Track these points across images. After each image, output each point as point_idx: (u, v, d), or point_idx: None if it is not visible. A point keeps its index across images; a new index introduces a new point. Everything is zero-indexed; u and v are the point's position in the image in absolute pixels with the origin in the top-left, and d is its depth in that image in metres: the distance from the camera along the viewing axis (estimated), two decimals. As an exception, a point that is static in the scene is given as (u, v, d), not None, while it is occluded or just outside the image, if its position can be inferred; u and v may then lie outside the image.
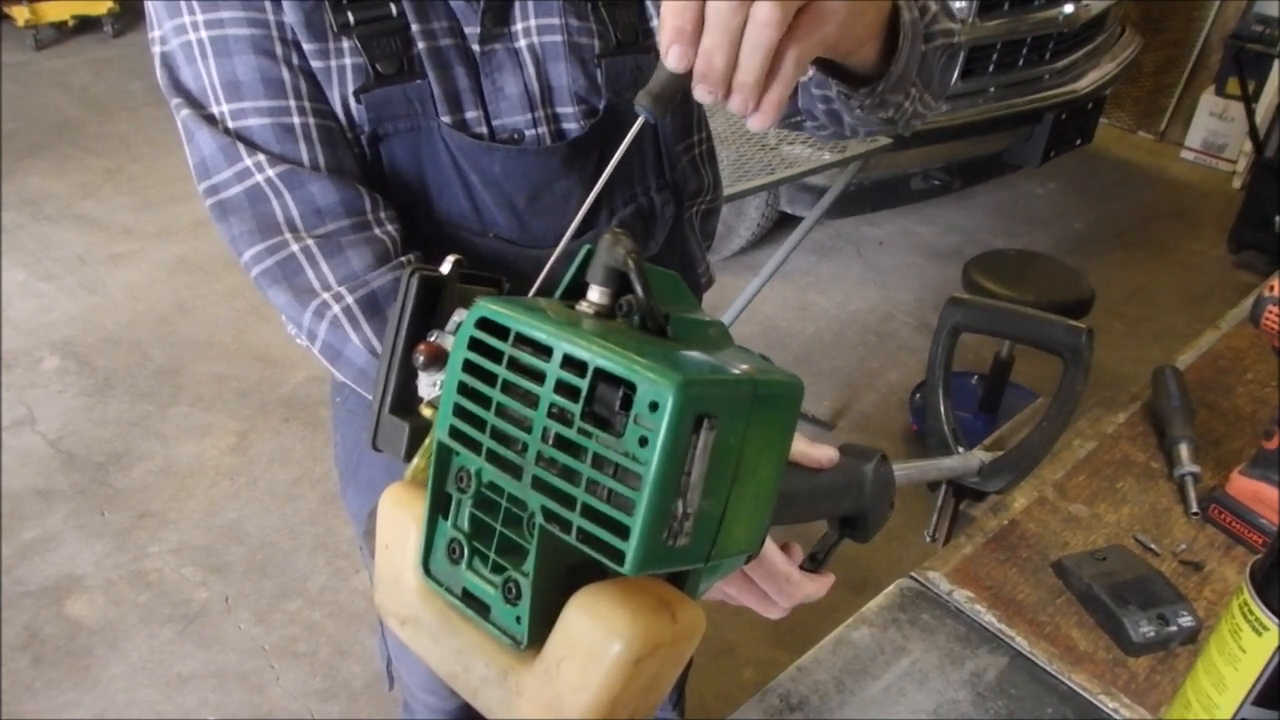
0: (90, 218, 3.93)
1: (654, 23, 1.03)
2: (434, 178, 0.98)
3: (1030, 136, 3.87)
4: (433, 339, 0.62)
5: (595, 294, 0.53)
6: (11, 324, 3.29)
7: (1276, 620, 0.74)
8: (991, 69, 3.59)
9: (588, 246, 0.55)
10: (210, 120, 0.91)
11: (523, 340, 0.49)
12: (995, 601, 1.06)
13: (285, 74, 0.91)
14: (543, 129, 1.00)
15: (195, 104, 0.91)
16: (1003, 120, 3.65)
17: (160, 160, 4.37)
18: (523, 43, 0.98)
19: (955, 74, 1.08)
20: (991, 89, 3.60)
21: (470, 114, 0.97)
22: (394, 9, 0.92)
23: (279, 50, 0.90)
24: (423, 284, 0.64)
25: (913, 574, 1.09)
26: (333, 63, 0.92)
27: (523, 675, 0.51)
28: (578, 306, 0.54)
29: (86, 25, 5.52)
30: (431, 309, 0.64)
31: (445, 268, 0.65)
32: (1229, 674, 0.78)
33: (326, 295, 0.90)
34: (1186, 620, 1.02)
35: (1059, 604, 1.07)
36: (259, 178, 0.90)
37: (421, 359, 0.61)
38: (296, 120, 0.91)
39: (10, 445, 2.82)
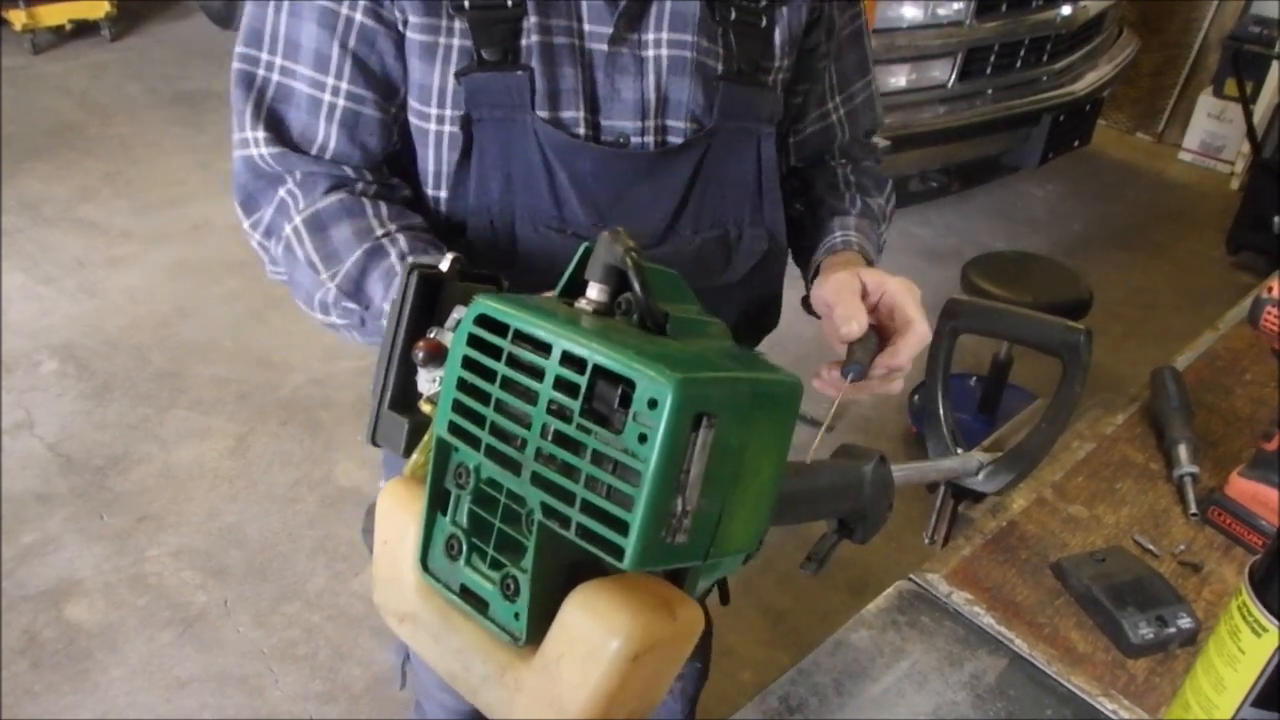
0: (89, 221, 3.93)
1: (778, 62, 1.06)
2: (520, 169, 0.99)
3: (1028, 138, 3.88)
4: (432, 335, 0.63)
5: (594, 291, 0.53)
6: (10, 327, 3.29)
7: (1275, 621, 0.74)
8: (989, 70, 3.60)
9: (586, 244, 0.55)
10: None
11: (522, 337, 0.49)
12: (994, 603, 1.06)
13: (335, 52, 0.95)
14: (649, 138, 1.01)
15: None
16: (1001, 122, 3.66)
17: (159, 163, 4.37)
18: (650, 52, 0.99)
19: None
20: (989, 90, 3.61)
21: (567, 113, 0.98)
22: None
23: (340, 28, 0.94)
24: (422, 281, 0.64)
25: (911, 576, 1.09)
26: (441, 40, 0.95)
27: (521, 672, 0.51)
28: (576, 304, 0.54)
29: (84, 29, 5.51)
30: (431, 306, 0.65)
31: (444, 265, 0.66)
32: (1228, 675, 0.78)
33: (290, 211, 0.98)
34: (1185, 622, 1.02)
35: (1058, 605, 1.07)
36: (254, 152, 0.97)
37: (421, 355, 0.61)
38: (327, 98, 0.96)
39: (9, 449, 2.82)
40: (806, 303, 1.13)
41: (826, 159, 1.23)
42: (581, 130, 0.98)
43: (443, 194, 1.03)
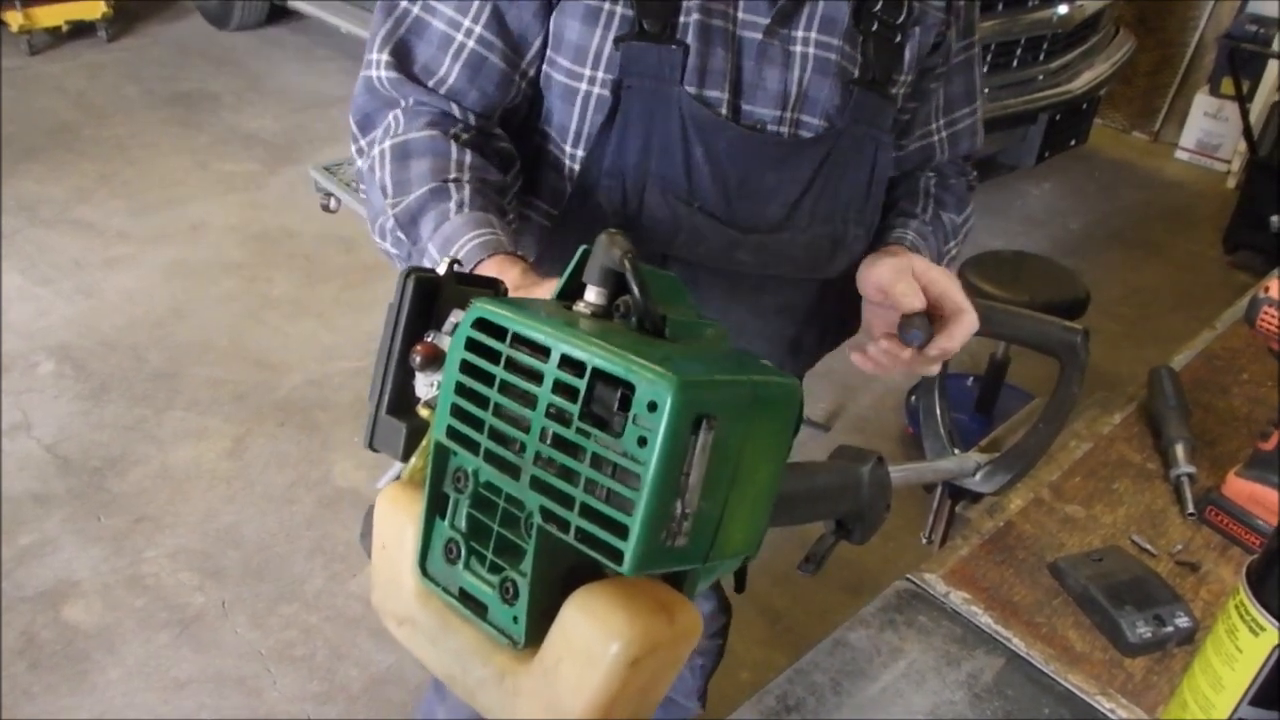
0: (86, 222, 3.92)
1: (905, 76, 1.11)
2: (659, 139, 1.02)
3: (1025, 137, 3.88)
4: (430, 339, 0.62)
5: (592, 294, 0.53)
6: (8, 328, 3.28)
7: (1273, 620, 0.74)
8: (985, 69, 3.59)
9: (584, 247, 0.55)
10: None
11: (520, 341, 0.49)
12: (992, 603, 1.06)
13: None
14: (784, 129, 1.06)
15: None
16: (997, 121, 3.65)
17: (155, 164, 4.36)
18: (799, 48, 1.03)
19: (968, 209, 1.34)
20: (985, 89, 3.60)
21: (712, 93, 1.02)
22: None
23: None
24: (419, 285, 0.64)
25: (909, 576, 1.09)
26: (606, 5, 0.99)
27: (520, 676, 0.51)
28: (574, 307, 0.54)
29: (80, 30, 5.51)
30: (429, 310, 0.64)
31: (441, 269, 0.66)
32: (1226, 674, 0.78)
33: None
34: (1183, 621, 1.02)
35: (1055, 605, 1.07)
36: (375, 74, 1.03)
37: (419, 359, 0.61)
38: (459, 38, 1.01)
39: (6, 450, 2.81)
40: None
41: (916, 171, 1.27)
42: (724, 111, 1.03)
43: (580, 153, 1.06)
